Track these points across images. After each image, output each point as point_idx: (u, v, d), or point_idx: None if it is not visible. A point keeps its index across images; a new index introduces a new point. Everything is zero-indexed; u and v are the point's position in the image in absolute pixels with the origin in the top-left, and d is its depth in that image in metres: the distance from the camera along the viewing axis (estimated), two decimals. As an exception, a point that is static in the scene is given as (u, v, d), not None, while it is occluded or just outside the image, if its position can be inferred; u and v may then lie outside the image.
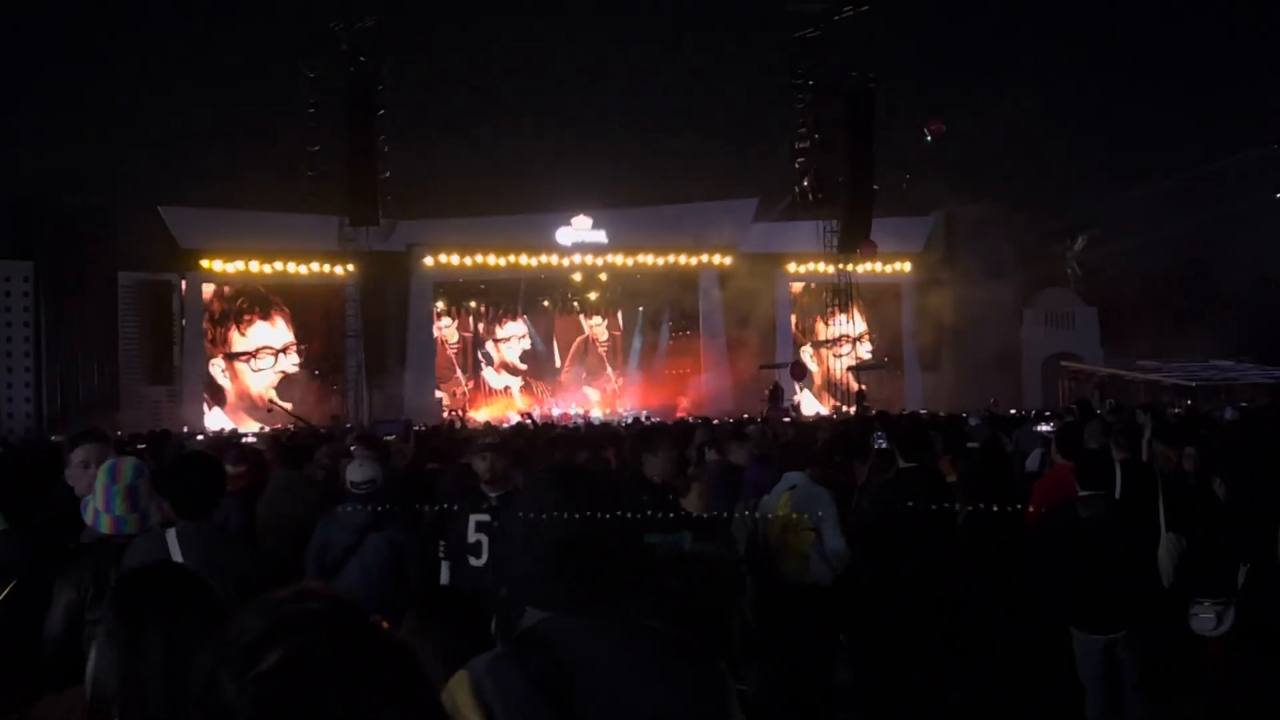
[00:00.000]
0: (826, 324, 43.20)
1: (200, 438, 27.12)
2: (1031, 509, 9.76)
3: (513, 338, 45.78)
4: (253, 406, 39.51)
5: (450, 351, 44.67)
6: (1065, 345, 45.77)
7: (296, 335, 40.78)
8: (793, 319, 44.73)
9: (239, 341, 40.25)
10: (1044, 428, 16.20)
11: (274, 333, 40.55)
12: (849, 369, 42.75)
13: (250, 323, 40.31)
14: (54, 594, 5.23)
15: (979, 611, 9.15)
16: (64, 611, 5.16)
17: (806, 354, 44.41)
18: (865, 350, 44.86)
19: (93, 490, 5.71)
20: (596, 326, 47.04)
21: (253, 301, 40.36)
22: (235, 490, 9.09)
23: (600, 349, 47.11)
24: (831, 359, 44.01)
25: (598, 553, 2.79)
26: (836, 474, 10.12)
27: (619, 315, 46.97)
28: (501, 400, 44.44)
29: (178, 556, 5.23)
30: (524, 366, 45.78)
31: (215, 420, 38.37)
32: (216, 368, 39.95)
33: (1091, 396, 35.18)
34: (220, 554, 5.35)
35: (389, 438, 16.60)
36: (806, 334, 45.05)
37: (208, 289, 39.88)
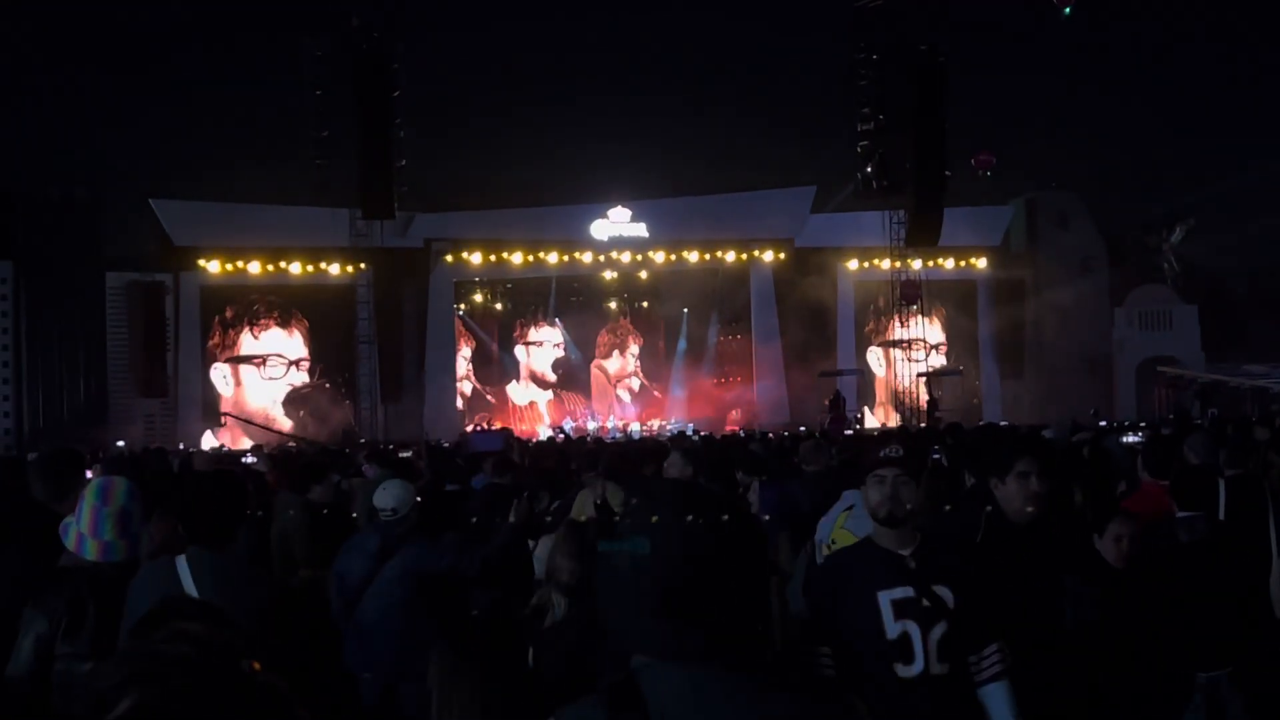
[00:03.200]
0: (903, 324, 42.56)
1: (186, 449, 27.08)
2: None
3: (546, 343, 45.47)
4: (265, 424, 39.13)
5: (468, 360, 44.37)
6: (1162, 348, 45.31)
7: (312, 351, 40.58)
8: (866, 316, 44.27)
9: (249, 344, 40.05)
10: (1131, 438, 15.89)
11: (290, 342, 40.38)
12: (918, 375, 42.30)
13: (266, 326, 40.13)
14: (22, 624, 5.14)
15: (1064, 648, 8.88)
16: (33, 644, 5.07)
17: (875, 355, 43.95)
18: (939, 361, 44.49)
19: (76, 512, 5.56)
20: (634, 331, 46.78)
21: (271, 306, 40.17)
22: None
23: (640, 355, 46.87)
24: (901, 363, 43.31)
25: (718, 593, 2.59)
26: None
27: (661, 318, 46.73)
28: (525, 417, 44.13)
29: (190, 587, 5.13)
30: (553, 377, 45.47)
31: (212, 439, 38.11)
32: (219, 373, 39.76)
33: (1191, 405, 34.81)
34: (237, 586, 5.21)
35: (405, 455, 16.51)
36: (876, 333, 44.46)
37: (222, 297, 39.72)
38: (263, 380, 39.93)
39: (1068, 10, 36.18)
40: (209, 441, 37.53)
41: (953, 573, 5.09)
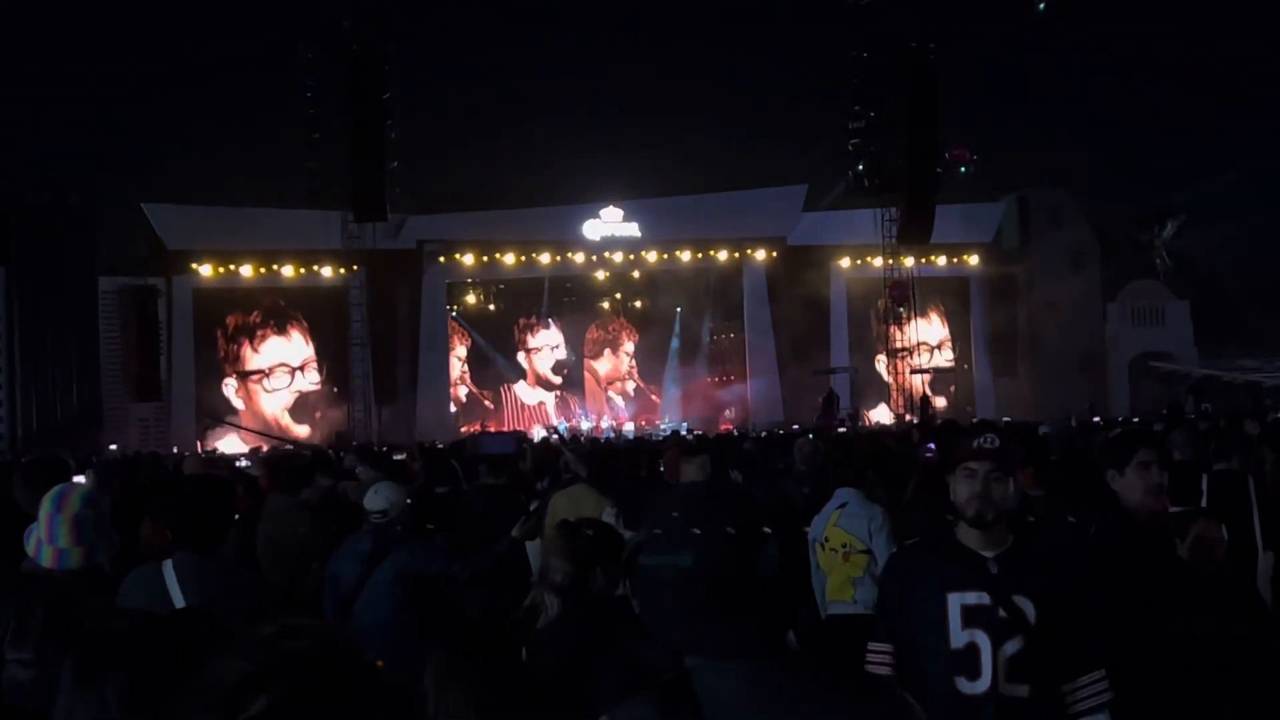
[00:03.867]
0: (901, 330, 42.48)
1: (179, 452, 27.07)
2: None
3: (545, 348, 45.44)
4: (267, 430, 39.13)
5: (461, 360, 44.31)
6: (1155, 344, 45.41)
7: (318, 350, 40.55)
8: (868, 317, 44.20)
9: (252, 359, 40.08)
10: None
11: (290, 348, 40.37)
12: (912, 372, 42.28)
13: (264, 339, 40.12)
14: None
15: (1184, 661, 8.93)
16: None
17: (881, 364, 43.79)
18: (946, 358, 44.49)
19: (38, 519, 5.59)
20: (628, 329, 46.75)
21: (267, 316, 40.15)
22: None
23: (633, 354, 46.84)
24: (907, 368, 43.13)
25: (761, 590, 2.63)
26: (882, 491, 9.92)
27: (654, 317, 46.71)
28: (534, 416, 44.10)
29: (176, 592, 5.16)
30: (558, 380, 45.43)
31: (230, 445, 37.87)
32: (229, 388, 39.79)
33: (1185, 400, 34.88)
34: (225, 589, 5.23)
35: (399, 457, 16.51)
36: (880, 339, 44.31)
37: (215, 301, 39.66)
38: (268, 392, 39.99)
39: (1042, 6, 36.29)
40: (230, 446, 37.35)
41: (1043, 584, 4.49)
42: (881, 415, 42.83)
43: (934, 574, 4.59)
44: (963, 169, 38.38)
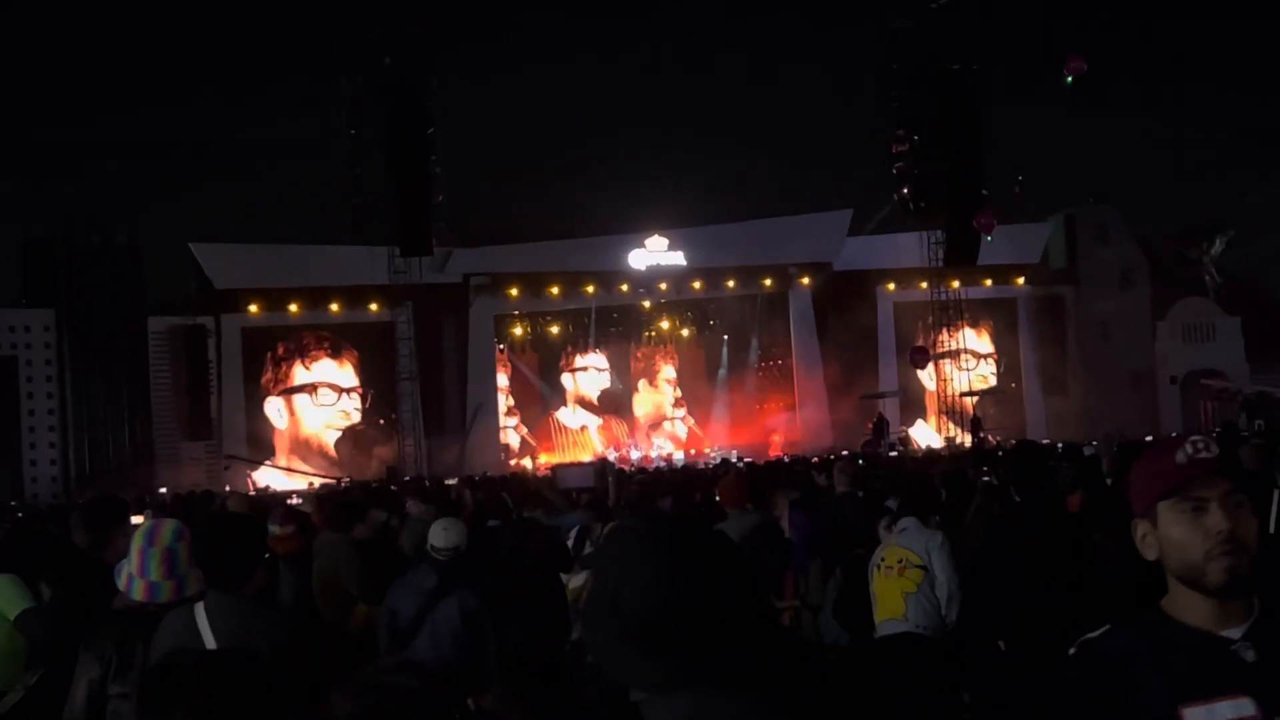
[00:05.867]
0: (950, 335, 42.37)
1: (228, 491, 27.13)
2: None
3: (591, 368, 45.39)
4: (307, 452, 39.35)
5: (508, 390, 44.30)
6: (1205, 361, 45.05)
7: (363, 380, 40.54)
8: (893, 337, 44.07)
9: (301, 375, 40.10)
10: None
11: (341, 373, 40.41)
12: (962, 395, 42.10)
13: (317, 358, 40.15)
14: (76, 669, 5.22)
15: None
16: (85, 688, 5.15)
17: (926, 374, 43.58)
18: (989, 370, 44.29)
19: (128, 554, 5.64)
20: (663, 353, 46.69)
21: (321, 339, 40.23)
22: (287, 553, 9.23)
23: (671, 371, 46.78)
24: (952, 376, 42.91)
25: (703, 623, 2.54)
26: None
27: (701, 345, 46.69)
28: (577, 442, 44.12)
29: (206, 633, 5.16)
30: (598, 403, 45.41)
31: (264, 477, 38.03)
32: (273, 407, 39.80)
33: (1237, 417, 34.57)
34: (252, 628, 5.21)
35: (450, 482, 16.52)
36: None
37: (264, 338, 39.72)
38: (314, 408, 40.03)
39: (1070, 80, 36.23)
40: (262, 479, 37.48)
41: None
42: (921, 432, 42.68)
43: (1154, 677, 2.87)
44: (988, 238, 38.22)
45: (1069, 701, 3.02)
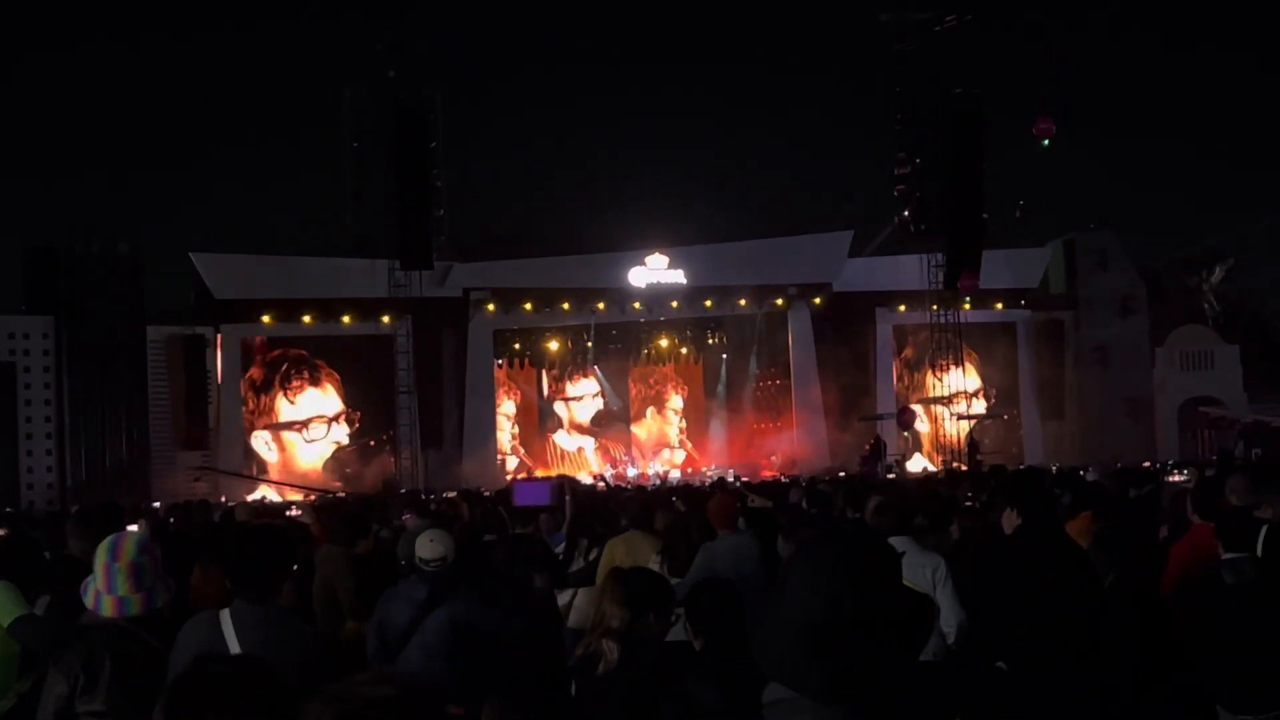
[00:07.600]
0: (938, 377, 42.54)
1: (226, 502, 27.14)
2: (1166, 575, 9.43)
3: (585, 396, 45.54)
4: (302, 480, 38.99)
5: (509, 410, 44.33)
6: (1203, 389, 45.06)
7: (347, 402, 40.34)
8: (893, 367, 44.14)
9: (287, 410, 39.89)
10: (1176, 477, 15.79)
11: (325, 400, 40.21)
12: (959, 417, 42.17)
13: (300, 389, 39.92)
14: (44, 687, 5.27)
15: (1120, 692, 8.81)
16: (53, 705, 5.17)
17: (917, 410, 43.63)
18: (980, 407, 44.28)
19: (94, 570, 5.61)
20: (674, 381, 46.77)
21: (299, 366, 39.96)
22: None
23: (680, 402, 46.87)
24: (944, 417, 43.10)
25: (872, 640, 2.62)
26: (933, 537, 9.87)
27: (700, 364, 46.74)
28: (574, 463, 44.12)
29: (233, 641, 5.19)
30: (597, 429, 45.50)
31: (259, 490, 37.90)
32: (260, 441, 39.60)
33: (1235, 445, 34.60)
34: (281, 640, 5.23)
35: (450, 494, 16.54)
36: (914, 389, 44.31)
37: (245, 354, 39.73)
38: (307, 443, 39.92)
39: (1046, 143, 36.43)
40: (262, 490, 37.39)
41: None
42: (918, 465, 42.68)
43: None
44: (1044, 142, 38.33)
45: None
